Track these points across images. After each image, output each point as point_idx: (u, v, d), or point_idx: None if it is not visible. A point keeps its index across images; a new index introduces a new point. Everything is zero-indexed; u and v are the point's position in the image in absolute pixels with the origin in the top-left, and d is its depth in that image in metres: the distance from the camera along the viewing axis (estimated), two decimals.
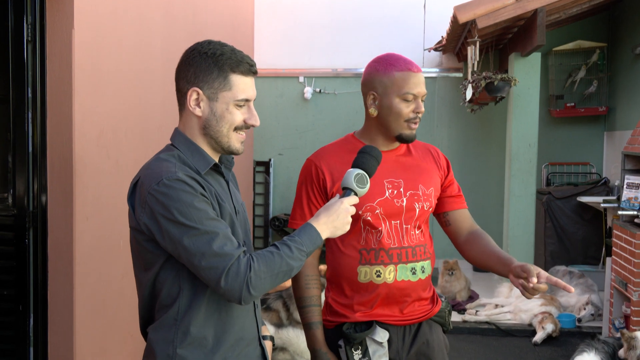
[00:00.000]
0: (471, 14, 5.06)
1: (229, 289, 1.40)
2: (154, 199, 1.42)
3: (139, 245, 1.49)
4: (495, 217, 6.86)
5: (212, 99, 1.53)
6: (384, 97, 1.86)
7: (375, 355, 1.84)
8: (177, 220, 1.40)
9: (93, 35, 3.02)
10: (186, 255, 1.41)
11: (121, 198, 3.39)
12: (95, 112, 3.06)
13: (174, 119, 1.44)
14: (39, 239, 2.83)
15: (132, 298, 3.54)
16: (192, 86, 1.54)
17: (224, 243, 1.41)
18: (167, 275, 1.48)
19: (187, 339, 1.48)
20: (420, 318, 1.94)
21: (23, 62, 2.76)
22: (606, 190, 6.10)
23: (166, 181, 1.42)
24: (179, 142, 1.57)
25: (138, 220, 1.46)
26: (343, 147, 1.95)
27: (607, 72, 6.55)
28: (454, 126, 7.15)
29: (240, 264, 1.41)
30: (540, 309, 4.91)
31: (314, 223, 1.52)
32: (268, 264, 1.43)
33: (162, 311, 1.50)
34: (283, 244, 1.47)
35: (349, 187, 1.58)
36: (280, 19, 7.23)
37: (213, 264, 1.39)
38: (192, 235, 1.40)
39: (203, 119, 1.54)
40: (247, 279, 1.40)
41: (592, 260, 6.11)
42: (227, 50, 1.54)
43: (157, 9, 3.78)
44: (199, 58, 1.53)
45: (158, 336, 1.50)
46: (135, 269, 1.56)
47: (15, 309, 2.79)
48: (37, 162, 2.81)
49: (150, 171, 1.48)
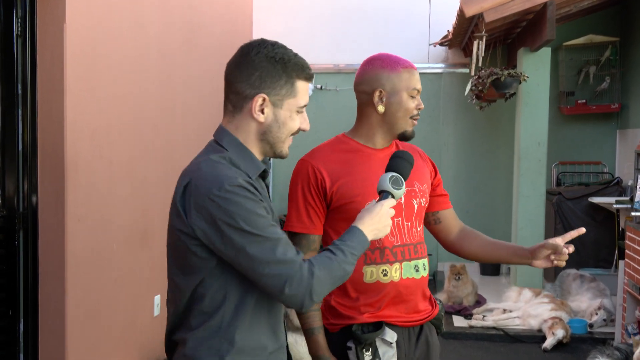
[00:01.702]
0: (478, 7, 5.06)
1: (293, 295, 1.44)
2: (214, 205, 1.43)
3: (186, 250, 1.48)
4: (503, 218, 6.86)
5: (277, 105, 1.55)
6: (393, 94, 1.94)
7: (385, 356, 1.88)
8: (241, 227, 1.42)
9: (85, 30, 3.02)
10: (248, 263, 1.43)
11: (115, 199, 3.40)
12: (88, 109, 3.06)
13: (169, 118, 1.45)
14: (29, 241, 2.84)
15: (125, 302, 3.54)
16: (259, 92, 1.54)
17: (286, 250, 1.45)
18: (214, 282, 1.49)
19: (233, 348, 1.49)
20: (423, 320, 2.01)
21: (13, 58, 2.77)
22: (619, 191, 6.10)
23: (228, 187, 1.43)
24: (229, 144, 1.56)
25: (192, 224, 1.45)
26: (337, 147, 2.00)
27: (619, 68, 6.54)
28: (461, 124, 7.15)
29: (303, 271, 1.45)
30: (550, 314, 4.90)
31: (359, 226, 1.58)
32: (328, 270, 1.48)
33: (201, 318, 1.50)
34: (337, 248, 1.52)
35: (385, 190, 1.66)
36: (279, 13, 7.23)
37: (276, 272, 1.43)
38: (256, 242, 1.43)
39: (265, 125, 1.55)
40: (310, 285, 1.45)
41: (604, 264, 6.10)
42: (292, 55, 1.57)
43: (152, 3, 3.78)
44: (266, 62, 1.54)
45: (201, 345, 1.50)
46: (173, 273, 1.54)
47: (5, 314, 2.79)
48: (28, 161, 2.81)
49: (205, 174, 1.47)
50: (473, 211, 7.06)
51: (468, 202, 7.09)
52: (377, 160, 1.96)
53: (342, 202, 1.90)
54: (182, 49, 4.18)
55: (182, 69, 4.22)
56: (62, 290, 2.89)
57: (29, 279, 2.83)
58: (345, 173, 1.92)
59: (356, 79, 2.03)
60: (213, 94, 4.92)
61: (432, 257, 7.07)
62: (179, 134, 4.21)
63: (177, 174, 1.61)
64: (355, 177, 1.92)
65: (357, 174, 1.93)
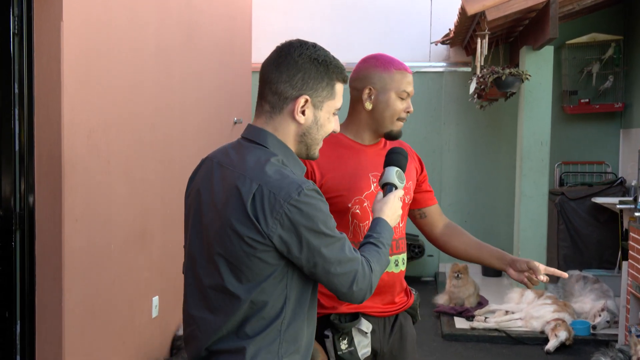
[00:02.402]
0: (480, 5, 5.05)
1: (359, 290, 1.52)
2: (296, 210, 1.44)
3: (251, 257, 1.46)
4: (505, 218, 6.85)
5: (318, 107, 1.58)
6: (382, 93, 2.00)
7: (360, 345, 1.98)
8: (320, 230, 1.46)
9: (83, 28, 3.01)
10: (323, 264, 1.48)
11: (112, 199, 3.39)
12: (85, 109, 3.06)
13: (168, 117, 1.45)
14: (26, 242, 2.83)
15: (124, 303, 3.54)
16: (301, 93, 1.55)
17: (350, 247, 1.53)
18: (276, 286, 1.49)
19: (291, 348, 1.53)
20: (398, 310, 2.10)
21: (9, 56, 2.76)
22: (622, 191, 6.09)
23: (307, 191, 1.46)
24: (273, 146, 1.56)
25: (268, 232, 1.44)
26: (327, 140, 2.01)
27: (623, 67, 6.54)
28: (462, 123, 7.14)
29: (364, 266, 1.53)
30: (553, 315, 4.90)
31: (384, 217, 1.71)
32: (380, 263, 1.59)
33: (261, 324, 1.49)
34: (378, 241, 1.63)
35: (391, 183, 1.81)
36: (279, 11, 7.23)
37: (347, 269, 1.50)
38: (329, 243, 1.48)
39: (304, 127, 1.58)
40: (371, 280, 1.54)
41: (608, 265, 6.10)
42: (332, 58, 1.60)
43: (150, 1, 3.78)
44: (309, 64, 1.56)
45: (260, 350, 1.49)
46: (226, 282, 1.49)
47: (1, 316, 2.79)
48: (24, 161, 2.81)
49: (277, 180, 1.46)
50: (474, 212, 7.06)
51: (469, 203, 7.08)
52: (366, 156, 2.02)
53: (330, 195, 1.93)
54: (180, 47, 4.17)
55: (181, 67, 4.22)
56: (59, 291, 2.88)
57: (25, 280, 2.83)
58: (334, 167, 1.97)
59: (351, 75, 2.07)
60: (212, 93, 4.91)
61: (433, 258, 7.08)
62: (177, 133, 4.21)
63: (175, 174, 1.59)
64: (344, 171, 1.97)
65: (346, 169, 1.98)
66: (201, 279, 1.55)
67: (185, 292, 1.62)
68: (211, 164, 1.60)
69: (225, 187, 1.51)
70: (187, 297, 1.61)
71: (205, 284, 1.54)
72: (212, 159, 1.61)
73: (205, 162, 1.65)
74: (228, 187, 1.50)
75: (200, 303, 1.56)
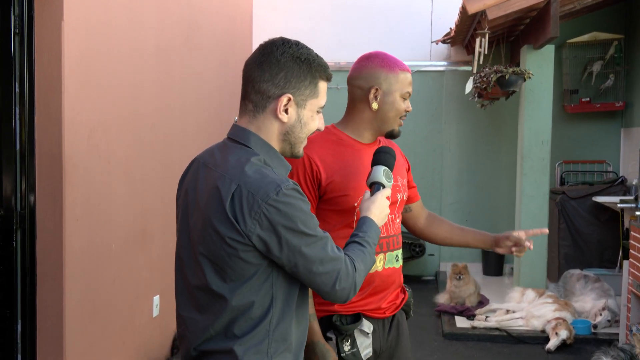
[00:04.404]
0: (481, 4, 5.06)
1: (342, 289, 1.51)
2: (274, 210, 1.43)
3: (234, 257, 1.46)
4: (506, 217, 6.86)
5: (301, 105, 1.57)
6: (388, 94, 2.02)
7: (362, 346, 2.01)
8: (299, 230, 1.45)
9: (84, 28, 3.03)
10: (304, 263, 1.47)
11: (113, 198, 3.40)
12: (86, 108, 3.07)
13: (168, 116, 1.45)
14: (27, 241, 2.84)
15: (124, 303, 3.55)
16: (284, 91, 1.54)
17: (333, 246, 1.52)
18: (261, 286, 1.49)
19: (280, 347, 1.52)
20: (397, 309, 2.15)
21: (10, 56, 2.77)
22: (623, 190, 6.09)
23: (285, 191, 1.44)
24: (256, 145, 1.55)
25: (247, 232, 1.43)
26: (327, 139, 2.05)
27: (624, 66, 6.54)
28: (463, 122, 7.15)
29: (347, 265, 1.53)
30: (554, 314, 4.90)
31: (372, 217, 1.70)
32: (364, 262, 1.59)
33: (249, 324, 1.49)
34: (363, 240, 1.63)
35: (378, 182, 1.81)
36: (280, 10, 7.24)
37: (329, 269, 1.50)
38: (310, 243, 1.47)
39: (287, 125, 1.57)
40: (354, 278, 1.53)
41: (609, 264, 6.10)
42: (315, 56, 1.59)
43: (151, 0, 3.79)
44: (292, 62, 1.55)
45: (249, 350, 1.49)
46: (211, 282, 1.49)
47: (2, 315, 2.80)
48: (25, 160, 2.82)
49: (256, 180, 1.46)
50: (475, 211, 7.06)
51: (470, 202, 7.09)
52: (367, 154, 2.03)
53: (335, 194, 1.96)
54: (180, 47, 4.18)
55: (181, 67, 4.23)
56: (60, 291, 2.89)
57: (26, 279, 2.84)
58: (339, 167, 1.99)
59: (352, 72, 2.07)
60: (212, 93, 4.93)
61: (434, 257, 7.08)
62: (177, 133, 4.22)
63: (176, 173, 1.60)
64: (349, 171, 1.99)
65: (350, 168, 2.00)
66: (189, 279, 1.55)
67: (176, 292, 1.62)
68: (198, 164, 1.60)
69: (207, 188, 1.51)
70: (177, 298, 1.62)
71: (192, 285, 1.54)
72: (199, 160, 1.62)
73: (193, 162, 1.65)
74: (210, 187, 1.50)
75: (189, 303, 1.56)
